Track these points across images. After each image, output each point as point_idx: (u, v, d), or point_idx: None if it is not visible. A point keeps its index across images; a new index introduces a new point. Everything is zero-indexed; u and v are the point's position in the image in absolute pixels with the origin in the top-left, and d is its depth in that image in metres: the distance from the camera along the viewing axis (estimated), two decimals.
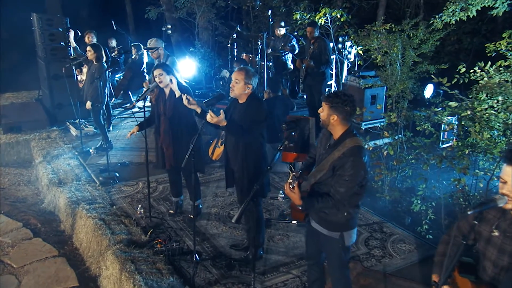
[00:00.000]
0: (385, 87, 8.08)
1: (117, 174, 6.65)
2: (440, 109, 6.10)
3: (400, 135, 6.65)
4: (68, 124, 8.74)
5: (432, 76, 5.42)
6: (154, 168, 6.76)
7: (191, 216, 5.50)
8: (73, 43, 8.48)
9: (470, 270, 2.67)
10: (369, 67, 9.99)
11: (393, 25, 6.72)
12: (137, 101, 4.98)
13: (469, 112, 5.06)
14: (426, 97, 8.67)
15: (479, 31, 9.58)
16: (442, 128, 7.51)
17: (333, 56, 9.00)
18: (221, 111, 4.13)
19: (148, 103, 10.01)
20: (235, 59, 9.44)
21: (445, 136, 7.61)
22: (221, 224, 5.45)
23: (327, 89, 9.25)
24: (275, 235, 5.23)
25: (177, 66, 6.99)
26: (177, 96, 4.94)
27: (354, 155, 3.23)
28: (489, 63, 5.44)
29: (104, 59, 7.25)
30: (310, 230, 3.67)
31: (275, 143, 6.50)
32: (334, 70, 9.37)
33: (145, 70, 9.93)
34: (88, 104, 7.25)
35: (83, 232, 5.31)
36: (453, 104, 5.24)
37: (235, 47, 9.92)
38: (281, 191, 6.12)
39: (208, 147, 7.13)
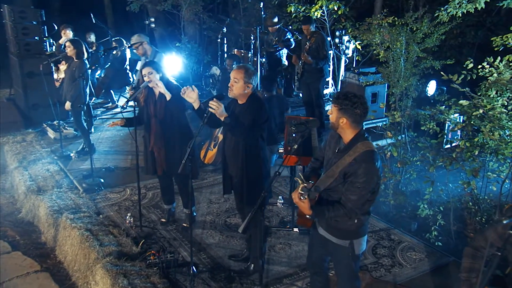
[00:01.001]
0: (386, 85, 8.11)
1: (102, 180, 6.56)
2: (444, 107, 6.13)
3: (403, 135, 6.68)
4: (45, 126, 8.60)
5: (442, 73, 5.43)
6: (142, 173, 6.71)
7: (185, 225, 5.46)
8: (62, 40, 8.34)
9: (499, 282, 2.67)
10: (367, 63, 10.02)
11: (396, 18, 6.74)
12: (127, 102, 4.89)
13: (481, 111, 5.09)
14: (429, 95, 8.71)
15: (483, 24, 9.66)
16: (447, 127, 7.56)
17: (330, 52, 9.00)
18: (214, 98, 4.05)
19: (131, 103, 9.93)
20: (227, 55, 9.38)
21: (449, 136, 7.66)
22: (217, 233, 5.41)
23: (325, 87, 9.27)
24: (276, 244, 5.20)
25: (163, 63, 6.90)
26: (167, 98, 4.88)
27: (367, 161, 3.22)
28: (499, 58, 5.48)
29: (86, 55, 7.13)
30: (317, 236, 3.67)
31: (272, 146, 6.48)
32: (331, 67, 9.38)
33: (128, 67, 9.84)
34: (68, 105, 7.13)
35: (68, 244, 5.21)
36: (464, 102, 5.27)
37: (225, 42, 9.85)
38: (280, 197, 6.10)
39: (199, 150, 7.07)
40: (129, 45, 6.90)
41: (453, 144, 6.89)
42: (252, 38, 8.54)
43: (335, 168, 3.31)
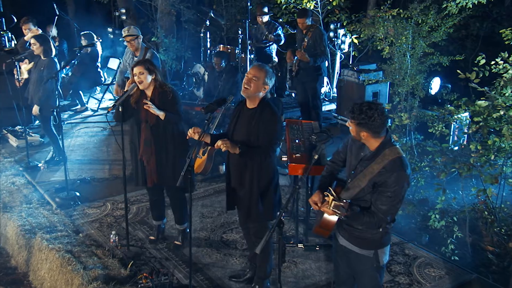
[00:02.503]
0: (388, 83, 8.20)
1: (78, 194, 6.44)
2: (454, 107, 6.23)
3: (407, 138, 6.75)
4: (6, 132, 8.42)
5: (458, 71, 5.51)
6: (123, 184, 6.63)
7: (177, 243, 5.43)
8: (28, 37, 8.17)
9: None
10: (363, 58, 10.13)
11: (401, 10, 6.82)
12: (113, 106, 4.80)
13: (502, 112, 5.18)
14: (432, 93, 8.80)
15: (489, 14, 9.84)
16: (453, 129, 7.68)
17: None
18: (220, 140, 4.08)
19: (104, 105, 9.82)
20: (214, 52, 9.32)
21: (455, 138, 7.79)
22: (214, 251, 5.38)
23: (328, 87, 9.32)
24: None
25: (159, 63, 6.82)
26: (162, 118, 4.86)
27: (398, 169, 3.32)
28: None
29: (54, 52, 7.01)
30: (339, 248, 3.74)
31: None
32: (326, 63, 9.43)
33: (99, 65, 9.72)
34: (36, 109, 6.99)
35: (45, 269, 5.11)
36: (482, 103, 5.35)
37: (208, 36, 9.81)
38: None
39: None
40: (122, 37, 6.70)
41: (461, 147, 7.00)
42: (240, 32, 8.52)
43: (362, 177, 3.38)
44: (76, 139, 8.38)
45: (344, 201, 3.19)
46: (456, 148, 6.73)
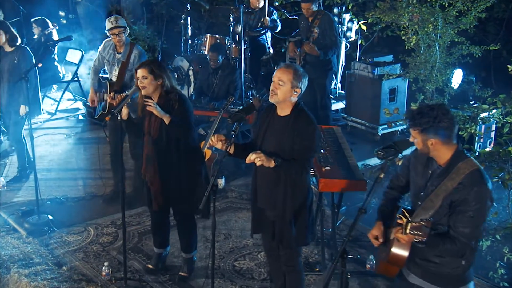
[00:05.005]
0: (407, 79, 8.37)
1: (51, 217, 6.40)
2: (486, 105, 6.44)
3: None
4: None
5: (508, 66, 5.71)
6: (105, 204, 6.67)
7: (183, 274, 5.48)
8: None
9: None
10: (368, 48, 10.29)
11: None
12: (110, 114, 4.81)
13: None
14: (454, 87, 9.01)
15: None
16: (478, 130, 7.92)
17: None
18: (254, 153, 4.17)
19: (62, 106, 9.72)
20: (198, 41, 9.33)
21: (481, 140, 8.05)
22: (227, 283, 5.45)
23: (333, 83, 9.43)
24: None
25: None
26: (166, 122, 4.90)
27: (478, 184, 3.40)
28: None
29: (19, 41, 6.94)
30: (406, 287, 3.79)
31: None
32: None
33: (56, 58, 9.63)
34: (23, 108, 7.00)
35: None
36: None
37: (189, 23, 9.80)
38: None
39: None
40: (107, 30, 6.54)
41: (486, 149, 7.23)
42: (231, 19, 8.55)
43: (435, 197, 3.47)
44: (36, 149, 8.20)
45: (426, 219, 3.25)
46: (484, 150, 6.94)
